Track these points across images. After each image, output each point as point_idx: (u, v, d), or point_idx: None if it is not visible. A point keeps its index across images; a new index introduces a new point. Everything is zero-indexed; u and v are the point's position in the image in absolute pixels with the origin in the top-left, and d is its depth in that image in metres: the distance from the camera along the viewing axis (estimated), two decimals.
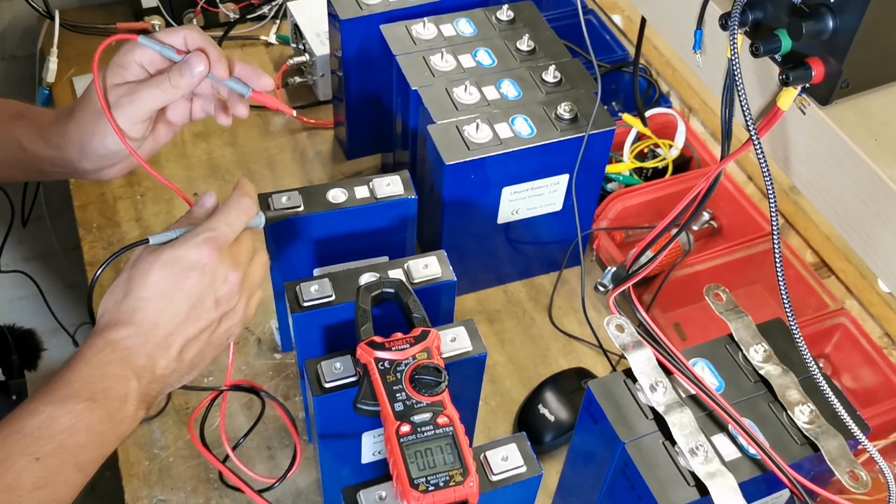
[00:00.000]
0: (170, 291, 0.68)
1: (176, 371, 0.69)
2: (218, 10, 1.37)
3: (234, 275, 0.70)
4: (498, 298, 1.10)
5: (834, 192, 0.58)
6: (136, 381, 0.66)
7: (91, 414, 0.63)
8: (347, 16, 1.06)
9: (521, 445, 0.70)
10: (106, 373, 0.65)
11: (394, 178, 0.89)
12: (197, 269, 0.68)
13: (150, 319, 0.67)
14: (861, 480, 0.66)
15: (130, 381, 0.65)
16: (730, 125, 0.64)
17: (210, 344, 0.71)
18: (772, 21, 0.58)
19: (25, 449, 0.60)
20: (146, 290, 0.68)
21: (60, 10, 1.35)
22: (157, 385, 0.68)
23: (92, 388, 0.64)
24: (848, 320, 1.02)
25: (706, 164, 1.18)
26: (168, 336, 0.68)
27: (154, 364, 0.67)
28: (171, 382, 0.70)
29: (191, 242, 0.69)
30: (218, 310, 0.70)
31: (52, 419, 0.61)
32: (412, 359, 0.70)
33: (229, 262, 0.70)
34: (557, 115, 0.97)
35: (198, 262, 0.68)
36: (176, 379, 0.70)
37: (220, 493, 0.91)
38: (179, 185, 1.20)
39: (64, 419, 0.61)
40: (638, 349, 0.71)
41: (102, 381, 0.64)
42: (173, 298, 0.68)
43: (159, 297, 0.68)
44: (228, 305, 0.71)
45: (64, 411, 0.62)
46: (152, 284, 0.68)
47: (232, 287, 0.70)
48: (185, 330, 0.69)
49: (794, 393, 0.71)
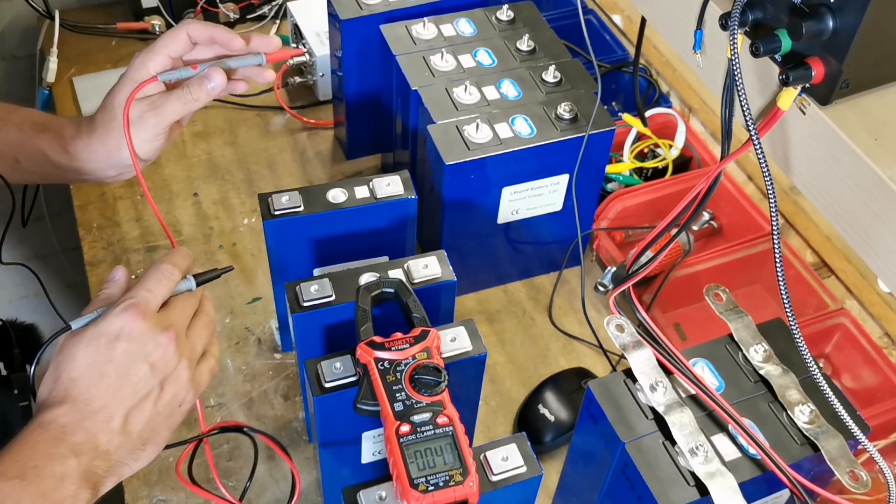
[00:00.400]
0: (99, 365, 0.65)
1: (123, 446, 0.65)
2: (218, 10, 1.37)
3: (165, 337, 0.67)
4: (498, 298, 1.10)
5: (834, 192, 0.58)
6: (73, 458, 0.62)
7: (21, 492, 0.59)
8: (347, 16, 1.06)
9: (521, 445, 0.70)
10: (37, 451, 0.62)
11: (394, 178, 0.89)
12: (122, 337, 0.65)
13: (84, 395, 0.64)
14: (861, 480, 0.66)
15: (67, 459, 0.62)
16: (730, 125, 0.64)
17: (159, 414, 0.67)
18: (772, 21, 0.58)
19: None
20: (75, 369, 0.65)
21: (60, 10, 1.35)
22: (102, 462, 0.64)
23: (21, 467, 0.60)
24: (848, 320, 1.02)
25: (706, 164, 1.18)
26: (105, 408, 0.65)
27: (95, 439, 0.64)
28: (121, 460, 0.66)
29: (111, 314, 0.66)
30: (155, 376, 0.67)
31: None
32: (412, 359, 0.70)
33: (156, 326, 0.67)
34: (557, 115, 0.97)
35: (121, 329, 0.66)
36: (127, 455, 0.66)
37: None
38: (180, 185, 1.22)
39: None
40: (638, 349, 0.71)
41: (32, 460, 0.61)
42: (103, 371, 0.65)
43: (89, 372, 0.65)
44: (166, 370, 0.67)
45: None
46: (80, 363, 0.65)
47: (165, 350, 0.67)
48: (123, 401, 0.65)
49: (794, 393, 0.71)
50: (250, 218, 1.17)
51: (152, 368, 0.67)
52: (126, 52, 1.38)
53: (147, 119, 0.79)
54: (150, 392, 0.67)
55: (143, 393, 0.66)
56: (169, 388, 0.68)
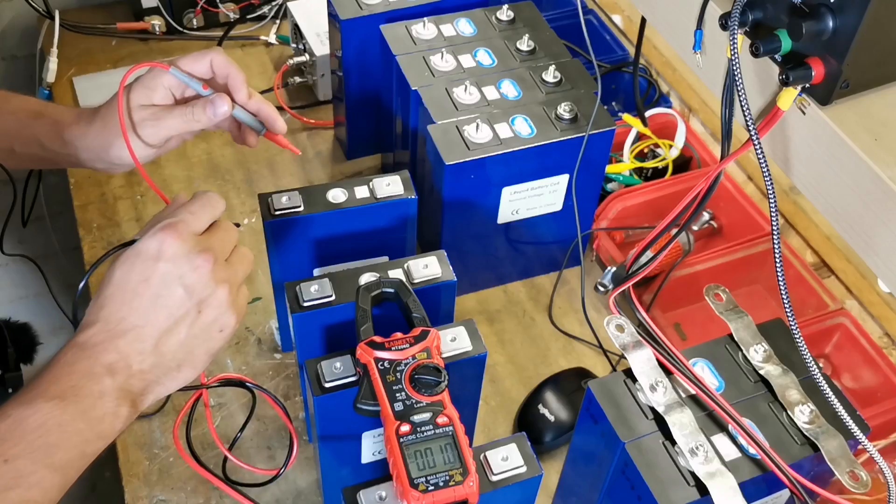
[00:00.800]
0: (133, 284, 0.65)
1: (157, 367, 0.66)
2: (218, 10, 1.37)
3: (202, 259, 0.66)
4: (498, 298, 1.10)
5: (834, 192, 0.58)
6: (109, 377, 0.63)
7: (62, 412, 0.60)
8: (347, 16, 1.06)
9: (521, 445, 0.70)
10: (74, 371, 0.62)
11: (394, 178, 0.89)
12: (160, 257, 0.65)
13: (116, 314, 0.65)
14: (861, 480, 0.66)
15: (103, 377, 0.63)
16: (730, 125, 0.64)
17: (195, 338, 0.67)
18: (772, 21, 0.58)
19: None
20: (110, 287, 0.66)
21: (60, 10, 1.35)
22: (137, 381, 0.65)
23: (60, 387, 0.61)
24: (848, 320, 1.02)
25: (706, 164, 1.18)
26: (136, 328, 0.65)
27: (127, 359, 0.64)
28: (156, 379, 0.66)
29: (149, 234, 0.67)
30: (191, 298, 0.66)
31: (20, 420, 0.59)
32: (412, 358, 0.70)
33: (195, 248, 0.67)
34: (557, 115, 0.97)
35: (158, 249, 0.65)
36: (162, 375, 0.66)
37: (221, 493, 0.91)
38: (180, 185, 1.22)
39: (33, 419, 0.59)
40: (638, 349, 0.71)
41: (70, 380, 0.62)
42: (137, 290, 0.65)
43: (123, 291, 0.65)
44: (203, 293, 0.67)
45: (32, 411, 0.60)
46: (115, 281, 0.66)
47: (203, 273, 0.66)
48: (157, 321, 0.65)
49: (794, 393, 0.71)
50: (250, 218, 1.17)
51: (187, 291, 0.66)
52: (126, 52, 1.38)
53: (146, 126, 0.80)
54: (186, 315, 0.66)
55: (177, 315, 0.66)
56: (207, 311, 0.67)
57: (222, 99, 0.80)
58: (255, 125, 0.83)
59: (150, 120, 0.80)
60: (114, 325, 0.65)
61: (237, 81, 0.81)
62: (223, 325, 0.69)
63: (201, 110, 0.80)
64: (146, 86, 0.80)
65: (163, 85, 0.81)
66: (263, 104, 0.83)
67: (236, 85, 0.81)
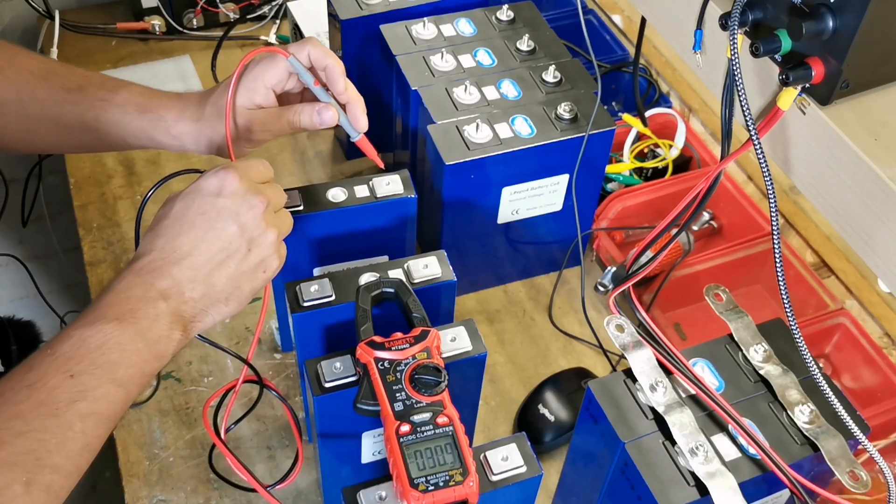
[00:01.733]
0: (192, 216, 0.69)
1: (207, 297, 0.69)
2: (218, 10, 1.37)
3: (258, 199, 0.70)
4: (498, 298, 1.10)
5: (834, 192, 0.58)
6: (163, 301, 0.66)
7: (122, 332, 0.63)
8: (347, 16, 1.06)
9: (521, 445, 0.70)
10: (130, 295, 0.66)
11: (394, 177, 0.89)
12: (221, 193, 0.69)
13: (172, 243, 0.68)
14: (861, 480, 0.66)
15: (157, 301, 0.66)
16: (730, 125, 0.64)
17: (243, 274, 0.70)
18: (772, 21, 0.58)
19: (59, 368, 0.61)
20: (168, 219, 0.69)
21: (60, 10, 1.35)
22: (189, 308, 0.68)
23: (118, 310, 0.65)
24: (848, 320, 1.02)
25: (706, 164, 1.18)
26: (190, 256, 0.68)
27: (180, 286, 0.67)
28: (205, 308, 0.69)
29: (210, 173, 0.71)
30: (244, 236, 0.70)
31: (82, 340, 0.62)
32: (412, 358, 0.70)
33: (251, 188, 0.71)
34: (557, 115, 0.97)
35: (218, 186, 0.70)
36: (210, 304, 0.69)
37: (221, 493, 0.91)
38: (181, 185, 1.20)
39: (94, 339, 0.62)
40: (638, 349, 0.71)
41: (128, 303, 0.65)
42: (194, 222, 0.69)
43: (181, 222, 0.69)
44: (255, 232, 0.70)
45: (94, 331, 0.63)
46: (174, 213, 0.69)
47: (257, 214, 0.70)
48: (209, 252, 0.69)
49: (794, 393, 0.71)
50: None
51: (241, 228, 0.70)
52: (126, 52, 1.38)
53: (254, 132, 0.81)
54: (237, 251, 0.70)
55: (230, 250, 0.70)
56: (256, 251, 0.71)
57: (330, 109, 0.80)
58: (351, 131, 0.83)
59: (258, 125, 0.81)
60: (169, 252, 0.68)
61: (335, 74, 0.81)
62: (267, 267, 0.72)
63: (308, 118, 0.81)
64: (248, 87, 0.80)
65: (265, 85, 0.81)
66: (355, 98, 0.83)
67: (334, 77, 0.81)
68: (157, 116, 0.83)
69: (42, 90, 0.83)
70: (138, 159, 1.23)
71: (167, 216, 0.70)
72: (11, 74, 0.83)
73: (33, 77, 0.84)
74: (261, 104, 0.81)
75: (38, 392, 0.59)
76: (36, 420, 0.59)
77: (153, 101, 0.84)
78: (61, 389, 0.60)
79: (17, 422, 0.58)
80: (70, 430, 0.60)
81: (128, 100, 0.83)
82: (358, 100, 0.83)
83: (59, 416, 0.59)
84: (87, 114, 0.83)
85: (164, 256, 0.68)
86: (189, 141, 0.84)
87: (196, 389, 0.99)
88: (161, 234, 0.69)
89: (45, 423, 0.59)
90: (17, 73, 0.84)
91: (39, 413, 0.59)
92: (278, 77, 0.81)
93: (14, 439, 0.57)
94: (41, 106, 0.83)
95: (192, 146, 0.84)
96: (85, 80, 0.84)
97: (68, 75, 0.84)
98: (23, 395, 0.59)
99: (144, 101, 0.83)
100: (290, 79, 0.82)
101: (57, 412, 0.59)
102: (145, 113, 0.83)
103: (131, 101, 0.83)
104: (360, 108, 0.83)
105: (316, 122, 0.81)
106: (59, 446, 0.59)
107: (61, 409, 0.59)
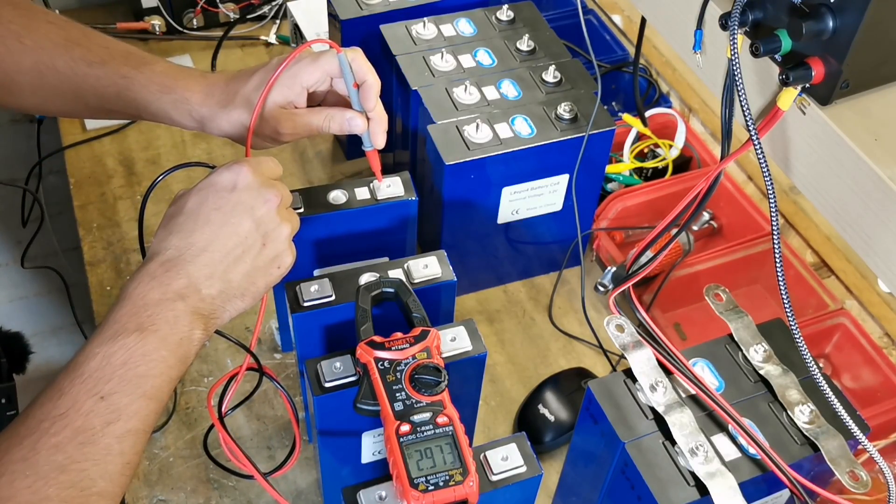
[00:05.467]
0: (206, 211, 0.68)
1: (224, 292, 0.68)
2: (218, 10, 1.37)
3: (272, 194, 0.70)
4: (498, 298, 1.10)
5: (834, 192, 0.58)
6: (181, 301, 0.66)
7: (144, 344, 0.63)
8: (347, 16, 1.06)
9: (521, 445, 0.70)
10: (147, 300, 0.65)
11: (394, 179, 0.89)
12: (235, 187, 0.69)
13: (187, 239, 0.67)
14: (861, 480, 0.66)
15: (175, 302, 0.65)
16: (730, 125, 0.64)
17: (258, 269, 0.70)
18: (772, 21, 0.58)
19: (89, 391, 0.61)
20: (182, 215, 0.69)
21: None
22: (207, 305, 0.67)
23: (137, 320, 0.64)
24: (848, 320, 1.02)
25: (706, 164, 1.18)
26: (206, 253, 0.67)
27: (197, 284, 0.67)
28: (222, 305, 0.69)
29: (223, 167, 0.70)
30: (259, 230, 0.70)
31: (107, 358, 0.62)
32: (412, 358, 0.70)
33: (266, 183, 0.70)
34: (557, 115, 0.97)
35: (234, 180, 0.69)
36: (227, 301, 0.69)
37: (220, 493, 0.91)
38: (180, 185, 1.20)
39: (118, 355, 0.62)
40: (638, 349, 0.71)
41: (146, 310, 0.64)
42: (210, 217, 0.68)
43: (195, 218, 0.68)
44: (270, 226, 0.70)
45: (116, 347, 0.62)
46: (188, 210, 0.69)
47: (271, 208, 0.70)
48: (226, 248, 0.68)
49: (794, 393, 0.71)
50: None
51: (256, 223, 0.70)
52: None
53: (285, 129, 0.81)
54: (252, 246, 0.70)
55: (245, 245, 0.69)
56: (270, 245, 0.71)
57: (361, 117, 0.81)
58: (366, 142, 0.84)
59: (287, 124, 0.80)
60: (184, 250, 0.67)
61: (371, 91, 0.81)
62: (281, 263, 0.72)
63: (337, 124, 0.81)
64: (285, 84, 0.80)
65: (302, 84, 0.81)
66: (380, 117, 0.83)
67: (369, 94, 0.81)
68: (181, 98, 0.82)
69: (62, 61, 0.81)
70: (138, 159, 1.23)
71: (180, 213, 0.69)
72: (30, 43, 0.81)
73: (53, 46, 0.81)
74: (294, 102, 0.81)
75: (72, 420, 0.59)
76: (75, 451, 0.58)
77: (178, 81, 0.82)
78: (94, 413, 0.60)
79: (58, 456, 0.58)
80: (109, 454, 0.60)
81: (151, 79, 0.82)
82: (382, 118, 0.83)
83: (97, 441, 0.59)
84: (107, 89, 0.82)
85: (178, 255, 0.67)
86: (210, 124, 0.83)
87: (196, 389, 0.99)
88: (174, 231, 0.68)
89: (85, 451, 0.59)
90: (35, 41, 0.81)
91: (77, 442, 0.59)
92: (317, 78, 0.81)
93: (58, 475, 0.57)
94: (60, 77, 0.81)
95: (212, 129, 0.83)
96: (107, 53, 0.82)
97: (90, 46, 0.82)
98: (58, 425, 0.59)
99: (168, 82, 0.82)
100: (324, 82, 0.82)
101: (94, 439, 0.59)
102: (169, 94, 0.82)
103: (154, 80, 0.82)
104: (382, 126, 0.83)
105: (345, 128, 0.81)
106: (101, 473, 0.59)
107: (97, 434, 0.59)
